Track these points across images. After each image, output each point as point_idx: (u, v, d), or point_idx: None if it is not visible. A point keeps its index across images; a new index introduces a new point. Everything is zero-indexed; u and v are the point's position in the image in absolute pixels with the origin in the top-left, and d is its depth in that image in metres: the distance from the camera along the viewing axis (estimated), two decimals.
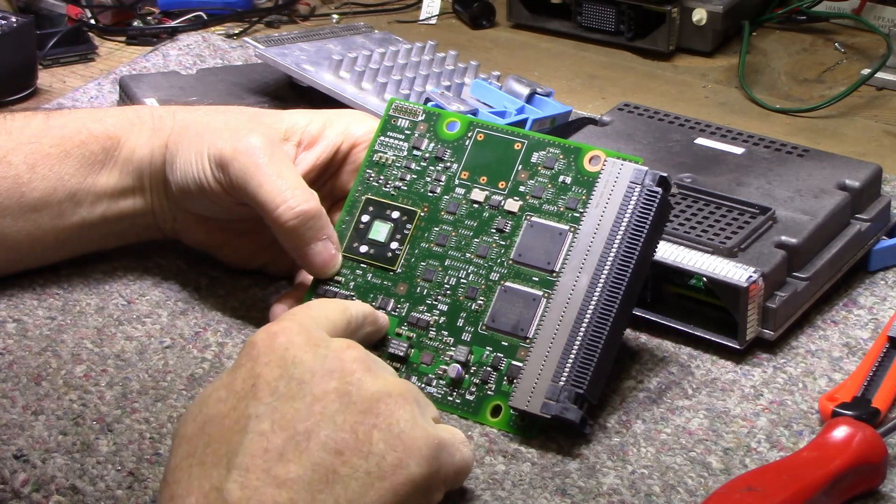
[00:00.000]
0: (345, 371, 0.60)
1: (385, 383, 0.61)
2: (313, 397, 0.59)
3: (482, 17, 1.33)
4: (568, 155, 0.75)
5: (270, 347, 0.61)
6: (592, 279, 0.70)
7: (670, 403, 0.73)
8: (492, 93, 1.02)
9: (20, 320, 0.80)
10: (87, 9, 1.30)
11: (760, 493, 0.62)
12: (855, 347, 0.78)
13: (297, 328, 0.62)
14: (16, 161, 0.80)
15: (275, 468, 0.57)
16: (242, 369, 0.61)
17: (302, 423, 0.58)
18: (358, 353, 0.62)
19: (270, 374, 0.60)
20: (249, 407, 0.59)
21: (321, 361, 0.60)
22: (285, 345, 0.61)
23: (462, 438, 0.64)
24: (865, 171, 0.85)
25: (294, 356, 0.60)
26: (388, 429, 0.59)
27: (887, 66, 1.17)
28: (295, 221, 0.75)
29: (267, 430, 0.58)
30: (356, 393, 0.60)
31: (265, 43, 1.04)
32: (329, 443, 0.58)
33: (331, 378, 0.60)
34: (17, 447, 0.69)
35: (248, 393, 0.59)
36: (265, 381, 0.60)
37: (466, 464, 0.63)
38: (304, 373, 0.60)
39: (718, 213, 0.81)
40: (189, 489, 0.57)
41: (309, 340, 0.61)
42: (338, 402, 0.59)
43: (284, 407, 0.59)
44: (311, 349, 0.61)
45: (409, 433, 0.59)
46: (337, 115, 0.82)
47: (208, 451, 0.58)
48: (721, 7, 1.22)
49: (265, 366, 0.60)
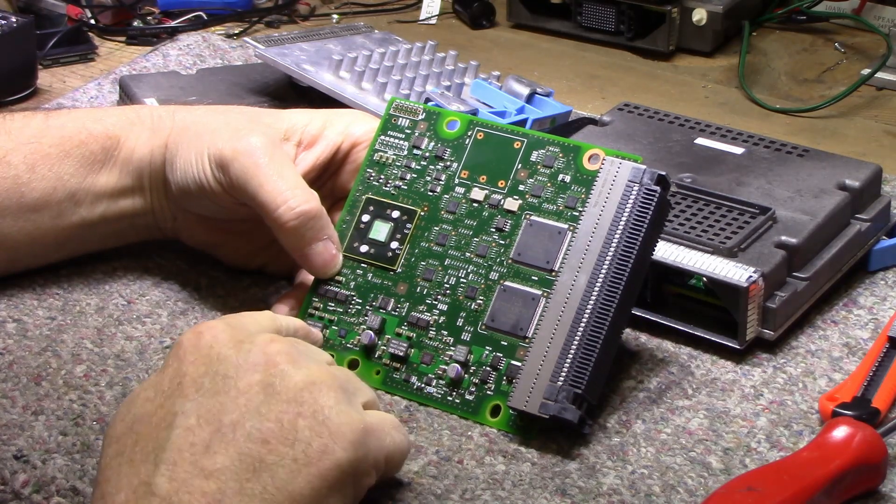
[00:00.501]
0: (269, 364, 0.61)
1: (309, 372, 0.61)
2: (238, 391, 0.60)
3: (482, 17, 1.33)
4: (567, 153, 0.75)
5: (196, 346, 0.62)
6: (591, 278, 0.70)
7: (670, 403, 0.73)
8: (492, 93, 1.02)
9: (20, 320, 0.80)
10: (87, 9, 1.30)
11: (760, 493, 0.62)
12: (855, 347, 0.78)
13: (222, 326, 0.63)
14: (15, 161, 0.80)
15: (202, 460, 0.58)
16: (169, 369, 0.62)
17: (227, 416, 0.59)
18: (282, 346, 0.62)
19: (196, 372, 0.61)
20: (176, 404, 0.60)
21: (245, 356, 0.61)
22: (210, 342, 0.62)
23: (393, 423, 0.64)
24: (865, 171, 0.85)
25: (219, 353, 0.61)
26: (312, 416, 0.60)
27: (887, 66, 1.17)
28: (295, 222, 0.75)
29: (193, 425, 0.59)
30: (280, 384, 0.60)
31: (265, 43, 1.04)
32: (254, 433, 0.59)
33: (255, 371, 0.61)
34: (17, 448, 0.69)
35: (174, 391, 0.61)
36: (190, 379, 0.61)
37: (399, 448, 0.64)
38: (229, 368, 0.61)
39: (718, 213, 0.81)
40: (118, 486, 0.58)
41: (233, 337, 0.62)
42: (262, 393, 0.60)
43: (210, 402, 0.60)
44: (235, 345, 0.62)
45: (335, 419, 0.60)
46: (337, 115, 0.82)
47: (137, 449, 0.59)
48: (721, 7, 1.22)
49: (191, 364, 0.61)
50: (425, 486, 0.66)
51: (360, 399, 0.63)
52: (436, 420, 0.72)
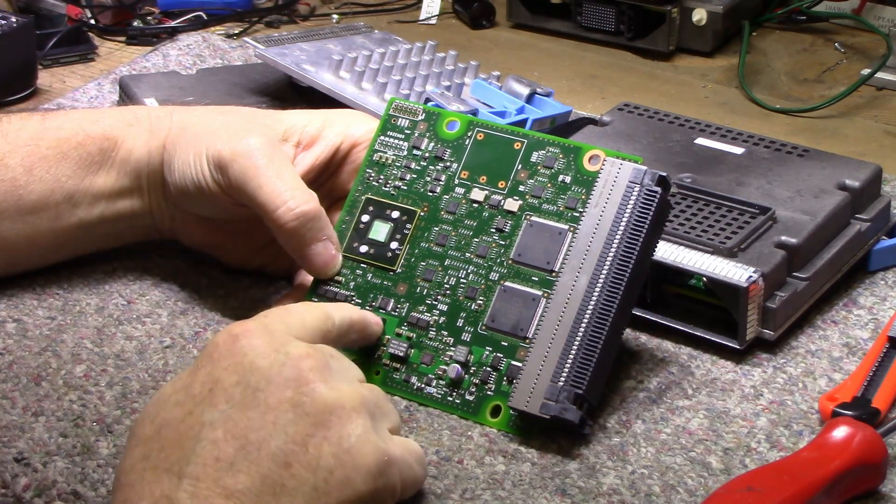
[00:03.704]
0: (300, 380, 0.60)
1: (339, 394, 0.61)
2: (267, 406, 0.59)
3: (482, 17, 1.33)
4: (567, 154, 0.75)
5: (230, 351, 0.61)
6: (592, 279, 0.70)
7: (670, 403, 0.73)
8: (492, 93, 1.02)
9: (20, 320, 0.80)
10: (87, 9, 1.31)
11: (760, 493, 0.62)
12: (855, 347, 0.78)
13: (259, 331, 0.62)
14: (13, 164, 0.80)
15: (225, 478, 0.57)
16: (202, 371, 0.61)
17: (254, 433, 0.59)
18: (316, 361, 0.61)
19: (228, 380, 0.60)
20: (205, 413, 0.59)
21: (278, 369, 0.60)
22: (245, 349, 0.61)
23: (417, 455, 0.64)
24: (865, 171, 0.85)
25: (252, 362, 0.61)
26: (338, 443, 0.59)
27: (887, 66, 1.17)
28: (295, 223, 0.75)
29: (219, 439, 0.58)
30: (310, 404, 0.60)
31: (265, 43, 1.04)
32: (279, 454, 0.58)
33: (286, 387, 0.60)
34: (17, 450, 0.69)
35: (204, 398, 0.60)
36: (222, 387, 0.60)
37: (416, 480, 0.64)
38: (260, 380, 0.60)
39: (718, 213, 0.81)
40: (141, 494, 0.57)
41: (269, 345, 0.61)
42: (291, 412, 0.59)
43: (238, 415, 0.59)
44: (269, 355, 0.61)
45: (359, 448, 0.60)
46: (336, 115, 0.82)
47: (162, 456, 0.58)
48: (721, 7, 1.22)
49: (223, 370, 0.60)
50: (425, 486, 0.66)
51: (386, 424, 0.63)
52: (436, 420, 0.72)
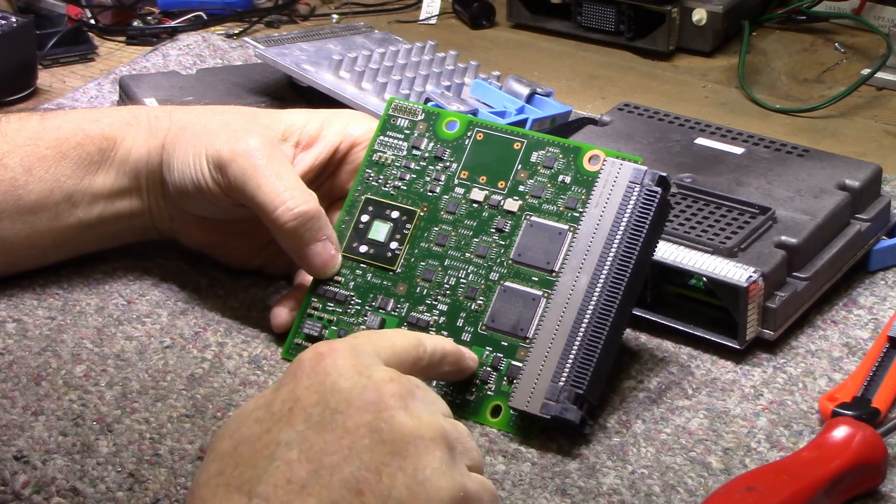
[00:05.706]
0: (380, 406, 0.58)
1: (419, 424, 0.58)
2: (344, 430, 0.57)
3: (482, 17, 1.33)
4: (567, 154, 0.75)
5: (314, 370, 0.60)
6: (592, 279, 0.70)
7: (670, 403, 0.73)
8: (492, 93, 1.02)
9: (20, 320, 0.80)
10: (87, 9, 1.31)
11: (760, 493, 0.62)
12: (855, 347, 0.78)
13: (345, 352, 0.60)
14: (12, 164, 0.80)
15: (294, 501, 0.55)
16: (284, 388, 0.60)
17: (329, 457, 0.57)
18: (399, 387, 0.59)
19: (308, 400, 0.58)
20: (282, 432, 0.58)
21: (360, 391, 0.59)
22: (328, 369, 0.59)
23: (492, 494, 0.61)
24: (865, 171, 0.85)
25: (334, 382, 0.59)
26: (413, 474, 0.57)
27: (887, 66, 1.17)
28: (294, 223, 0.75)
29: (293, 460, 0.57)
30: (388, 431, 0.58)
31: (265, 43, 1.04)
32: (352, 480, 0.56)
33: (365, 411, 0.58)
34: (17, 448, 0.69)
35: (283, 416, 0.58)
36: (301, 406, 0.58)
37: None
38: (340, 402, 0.58)
39: (718, 213, 0.81)
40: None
41: (354, 366, 0.60)
42: (368, 438, 0.57)
43: (314, 437, 0.57)
44: (352, 376, 0.59)
45: (434, 482, 0.57)
46: (335, 115, 0.82)
47: (235, 473, 0.57)
48: (721, 7, 1.22)
49: (305, 389, 0.59)
50: None
51: (465, 461, 0.60)
52: None
